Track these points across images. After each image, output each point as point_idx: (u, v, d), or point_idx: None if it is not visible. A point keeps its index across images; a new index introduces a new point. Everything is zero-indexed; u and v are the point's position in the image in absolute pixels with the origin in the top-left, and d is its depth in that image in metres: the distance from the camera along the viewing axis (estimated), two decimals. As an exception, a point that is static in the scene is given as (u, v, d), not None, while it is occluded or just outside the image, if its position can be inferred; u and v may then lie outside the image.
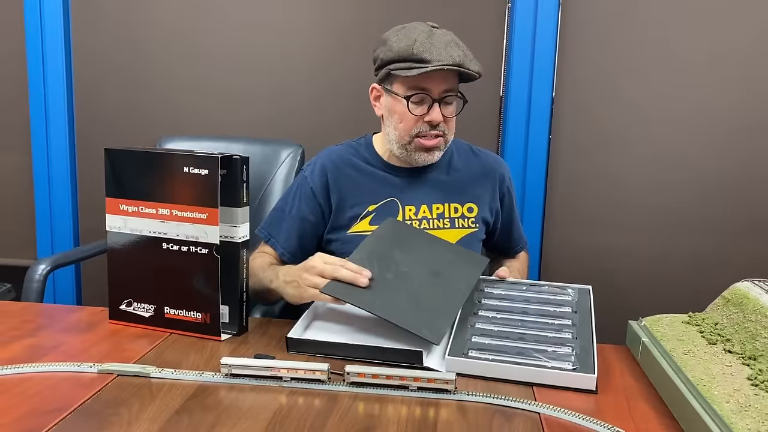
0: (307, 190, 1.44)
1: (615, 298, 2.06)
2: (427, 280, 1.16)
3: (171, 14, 2.12)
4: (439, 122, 1.34)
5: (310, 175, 1.45)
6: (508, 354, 1.04)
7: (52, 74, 2.16)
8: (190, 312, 1.15)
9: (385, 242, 1.24)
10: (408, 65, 1.30)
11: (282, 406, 0.91)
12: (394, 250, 1.21)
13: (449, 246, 1.34)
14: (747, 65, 1.95)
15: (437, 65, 1.28)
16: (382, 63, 1.36)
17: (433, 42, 1.30)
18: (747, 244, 2.02)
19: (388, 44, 1.34)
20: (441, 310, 1.10)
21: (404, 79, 1.33)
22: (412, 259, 1.20)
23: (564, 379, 0.99)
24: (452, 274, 1.20)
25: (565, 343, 1.06)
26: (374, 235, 1.26)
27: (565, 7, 1.98)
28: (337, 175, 1.44)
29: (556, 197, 2.08)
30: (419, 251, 1.23)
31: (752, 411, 0.81)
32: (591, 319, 1.14)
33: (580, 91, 2.02)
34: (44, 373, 0.99)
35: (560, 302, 1.19)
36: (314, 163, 1.47)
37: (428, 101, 1.34)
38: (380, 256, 1.18)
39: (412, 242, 1.26)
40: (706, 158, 2.00)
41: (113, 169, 1.18)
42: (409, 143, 1.38)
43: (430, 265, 1.20)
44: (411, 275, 1.16)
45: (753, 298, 1.06)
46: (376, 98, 1.43)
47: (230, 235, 1.15)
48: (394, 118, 1.38)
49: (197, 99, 2.15)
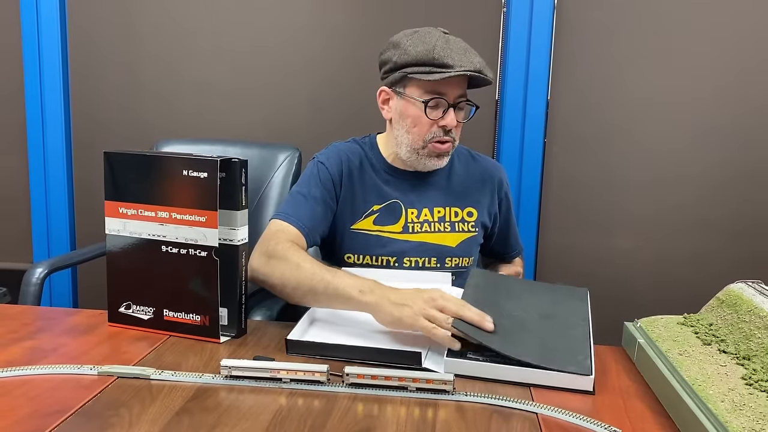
0: (326, 176, 1.41)
1: (610, 300, 2.08)
2: (543, 323, 1.12)
3: (169, 17, 2.12)
4: (453, 127, 1.36)
5: (327, 162, 1.43)
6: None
7: (49, 77, 2.16)
8: (189, 314, 1.16)
9: (486, 292, 1.20)
10: (428, 69, 1.31)
11: (282, 407, 0.92)
12: (498, 298, 1.18)
13: (546, 286, 1.31)
14: (742, 67, 1.97)
15: (460, 70, 1.29)
16: (395, 66, 1.36)
17: (451, 48, 1.31)
18: (741, 246, 2.04)
19: (403, 47, 1.34)
20: (572, 345, 1.06)
21: (423, 83, 1.33)
22: (518, 305, 1.17)
23: (562, 381, 1.00)
24: (563, 313, 1.17)
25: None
26: (470, 285, 1.21)
27: (559, 12, 2.00)
28: (351, 168, 1.44)
29: (551, 199, 2.09)
30: (521, 297, 1.21)
31: (747, 410, 0.82)
32: (588, 320, 1.15)
33: (575, 95, 2.04)
34: (44, 376, 0.99)
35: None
36: (329, 152, 1.46)
37: (443, 106, 1.34)
38: (488, 304, 1.12)
39: (511, 289, 1.24)
40: (701, 161, 2.02)
41: (112, 172, 1.18)
42: (422, 147, 1.38)
43: (538, 309, 1.17)
44: (525, 320, 1.13)
45: (747, 299, 1.07)
46: (384, 101, 1.43)
47: (229, 237, 1.15)
48: (406, 122, 1.38)
49: (194, 102, 2.16)
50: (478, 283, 1.23)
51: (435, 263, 1.43)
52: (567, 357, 1.02)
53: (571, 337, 1.09)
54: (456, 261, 1.44)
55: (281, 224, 1.33)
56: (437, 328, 1.05)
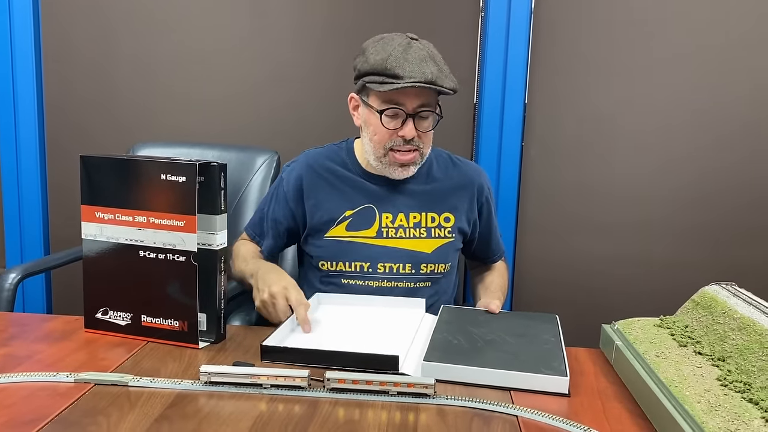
0: (281, 194, 1.48)
1: (588, 303, 2.11)
2: (517, 341, 1.15)
3: (144, 19, 2.10)
4: (413, 137, 1.34)
5: (286, 179, 1.48)
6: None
7: (22, 78, 2.13)
8: (168, 320, 1.15)
9: (458, 323, 1.23)
10: (382, 79, 1.30)
11: (262, 413, 0.91)
12: (468, 327, 1.20)
13: (516, 314, 1.37)
14: (719, 73, 2.00)
15: (408, 82, 1.27)
16: (358, 74, 1.36)
17: (407, 57, 1.29)
18: (717, 250, 2.07)
19: (366, 55, 1.34)
20: (547, 355, 1.09)
21: (377, 93, 1.33)
22: (490, 330, 1.19)
23: (538, 383, 1.01)
24: (534, 332, 1.19)
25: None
26: (441, 321, 1.23)
27: (537, 16, 2.01)
28: (314, 180, 1.45)
29: (529, 203, 2.11)
30: (492, 324, 1.23)
31: (722, 410, 0.84)
32: (560, 339, 1.16)
33: (553, 99, 2.06)
34: (19, 383, 0.98)
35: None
36: (293, 166, 1.49)
37: (402, 115, 1.33)
38: (460, 332, 1.17)
39: (482, 319, 1.26)
40: (678, 164, 2.05)
41: (89, 176, 1.17)
42: (383, 156, 1.38)
43: (510, 331, 1.19)
44: (498, 341, 1.15)
45: (721, 302, 1.09)
46: (354, 108, 1.43)
47: (208, 242, 1.14)
48: (369, 130, 1.38)
49: (171, 105, 2.13)
50: (449, 318, 1.25)
51: (410, 269, 1.42)
52: (542, 363, 1.05)
53: (545, 350, 1.11)
54: (431, 267, 1.44)
55: (244, 236, 1.56)
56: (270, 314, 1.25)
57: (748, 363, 0.94)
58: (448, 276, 1.48)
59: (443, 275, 1.46)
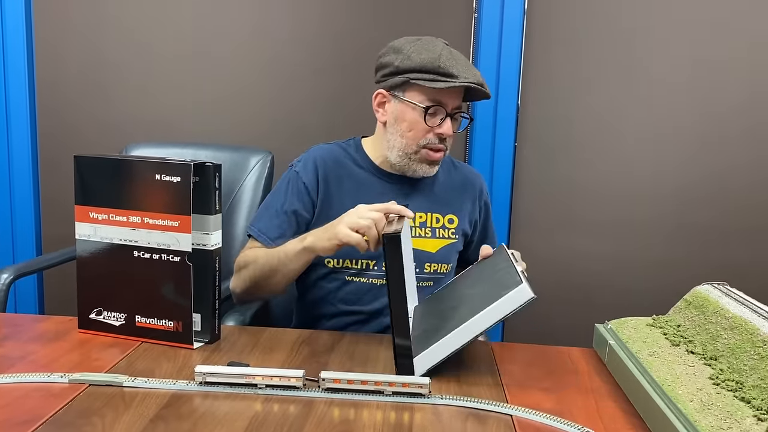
0: (300, 186, 1.43)
1: (581, 303, 2.11)
2: (475, 290, 1.15)
3: (137, 19, 2.10)
4: (448, 136, 1.37)
5: (302, 170, 1.44)
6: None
7: (14, 79, 2.12)
8: (162, 320, 1.15)
9: (426, 311, 1.23)
10: (433, 77, 1.32)
11: (257, 414, 0.91)
12: (437, 308, 1.21)
13: (470, 267, 1.34)
14: (711, 76, 2.02)
15: (465, 81, 1.31)
16: (397, 70, 1.36)
17: (455, 59, 1.34)
18: (709, 250, 2.09)
19: (405, 53, 1.35)
20: (501, 281, 1.08)
21: (426, 89, 1.34)
22: (453, 296, 1.21)
23: (503, 307, 1.00)
24: (488, 271, 1.20)
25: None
26: (414, 318, 1.23)
27: (530, 17, 2.02)
28: (327, 172, 1.44)
29: (522, 203, 2.12)
30: (454, 290, 1.25)
31: (714, 409, 0.85)
32: (511, 261, 1.15)
33: (545, 99, 2.07)
34: (13, 384, 0.97)
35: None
36: (305, 158, 1.46)
37: (441, 114, 1.36)
38: (431, 315, 1.18)
39: (444, 293, 1.28)
40: (670, 164, 2.07)
41: (82, 176, 1.17)
42: (415, 152, 1.39)
43: (469, 286, 1.21)
44: (462, 300, 1.15)
45: (713, 301, 1.10)
46: (380, 104, 1.43)
47: (202, 242, 1.14)
48: (402, 126, 1.38)
49: (164, 105, 2.13)
50: (422, 311, 1.25)
51: (414, 268, 1.43)
52: (499, 289, 1.04)
53: (498, 277, 1.11)
54: (435, 267, 1.45)
55: (252, 242, 1.43)
56: (361, 239, 1.17)
57: (740, 362, 0.94)
58: (448, 277, 1.48)
59: (444, 276, 1.47)
